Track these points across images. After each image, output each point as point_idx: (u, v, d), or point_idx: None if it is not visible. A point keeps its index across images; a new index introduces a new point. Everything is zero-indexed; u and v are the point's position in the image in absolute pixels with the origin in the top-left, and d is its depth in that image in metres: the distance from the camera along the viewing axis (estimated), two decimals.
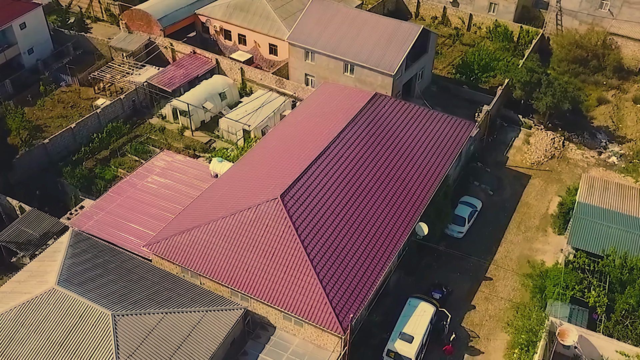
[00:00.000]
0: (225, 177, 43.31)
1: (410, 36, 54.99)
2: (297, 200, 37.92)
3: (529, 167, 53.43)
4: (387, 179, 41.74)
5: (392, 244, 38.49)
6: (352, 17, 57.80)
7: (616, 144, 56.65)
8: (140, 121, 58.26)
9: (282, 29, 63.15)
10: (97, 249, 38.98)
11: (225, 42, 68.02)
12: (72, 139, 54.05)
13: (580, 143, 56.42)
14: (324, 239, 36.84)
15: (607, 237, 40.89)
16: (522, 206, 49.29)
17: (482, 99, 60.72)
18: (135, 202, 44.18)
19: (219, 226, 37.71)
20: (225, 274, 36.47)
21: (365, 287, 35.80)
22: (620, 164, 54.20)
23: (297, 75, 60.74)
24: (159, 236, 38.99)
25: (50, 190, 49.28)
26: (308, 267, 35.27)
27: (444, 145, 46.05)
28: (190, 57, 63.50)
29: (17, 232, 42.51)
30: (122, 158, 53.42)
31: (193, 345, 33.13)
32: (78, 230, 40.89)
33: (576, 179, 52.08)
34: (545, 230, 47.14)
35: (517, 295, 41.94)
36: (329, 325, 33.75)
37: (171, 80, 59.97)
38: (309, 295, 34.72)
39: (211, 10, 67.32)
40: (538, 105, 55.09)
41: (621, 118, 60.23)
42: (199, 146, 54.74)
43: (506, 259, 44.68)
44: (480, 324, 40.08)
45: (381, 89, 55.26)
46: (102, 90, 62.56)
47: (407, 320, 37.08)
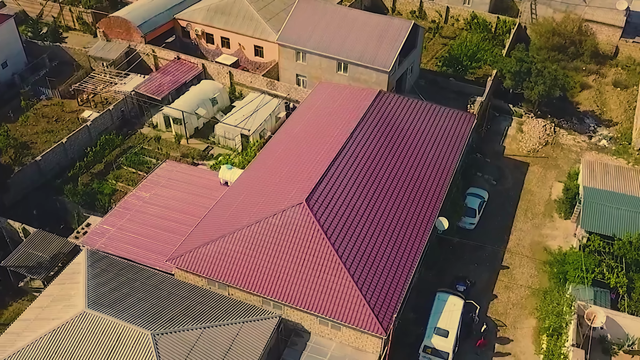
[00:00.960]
0: (239, 184, 42.62)
1: (402, 32, 55.30)
2: (322, 203, 37.67)
3: (525, 155, 54.61)
4: (403, 176, 41.94)
5: (417, 240, 38.72)
6: (342, 15, 57.70)
7: (604, 128, 58.52)
8: (132, 132, 56.73)
9: (267, 30, 62.52)
10: (117, 267, 37.81)
11: (207, 46, 66.86)
12: (64, 154, 52.20)
13: (570, 128, 58.02)
14: (352, 240, 36.75)
15: (617, 219, 42.18)
16: (525, 194, 50.35)
17: (470, 90, 61.69)
18: (146, 216, 43.02)
19: (244, 235, 37.09)
20: (256, 283, 35.93)
21: (398, 285, 35.91)
22: (610, 146, 56.00)
23: (288, 76, 60.27)
24: (181, 249, 38.07)
25: (48, 209, 47.49)
26: (341, 270, 35.10)
27: (450, 138, 46.58)
28: (175, 63, 62.15)
29: (25, 255, 40.78)
30: (118, 171, 51.90)
31: (235, 358, 32.50)
32: (93, 249, 39.50)
33: (572, 164, 53.60)
34: (552, 215, 48.29)
35: (535, 281, 42.85)
36: (370, 327, 33.69)
37: (159, 88, 58.58)
38: (345, 298, 34.56)
39: (191, 14, 66.03)
40: (530, 94, 56.31)
41: (604, 102, 62.21)
42: (196, 154, 53.68)
43: (519, 246, 45.57)
44: (505, 312, 40.79)
45: (376, 86, 55.32)
46: (86, 102, 60.54)
47: (440, 315, 37.40)
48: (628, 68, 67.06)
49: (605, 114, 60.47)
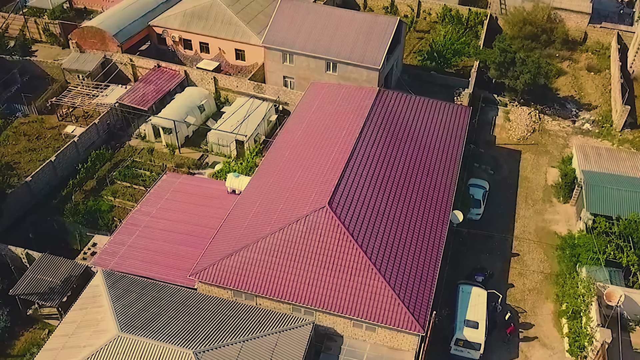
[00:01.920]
0: (250, 192, 41.99)
1: (389, 28, 55.60)
2: (343, 205, 37.56)
3: (516, 143, 55.91)
4: (414, 172, 42.28)
5: (438, 234, 39.15)
6: (326, 15, 57.52)
7: (585, 111, 60.51)
8: (120, 145, 55.06)
9: (247, 33, 61.79)
10: (138, 287, 36.69)
11: (185, 52, 65.51)
12: (53, 172, 50.22)
13: (554, 114, 59.74)
14: (377, 240, 36.82)
15: (620, 199, 43.71)
16: (522, 181, 51.59)
17: (454, 83, 62.76)
18: (156, 231, 41.89)
19: (269, 243, 36.60)
20: (286, 291, 35.55)
21: (428, 280, 36.23)
22: (594, 129, 57.97)
23: (275, 78, 59.70)
24: (203, 262, 37.25)
25: (44, 231, 45.55)
26: (372, 271, 35.13)
27: (451, 131, 47.24)
28: (156, 71, 60.60)
29: (34, 282, 39.02)
30: (112, 186, 50.28)
31: None
32: (108, 270, 38.18)
33: (561, 149, 55.26)
34: (551, 201, 49.67)
35: (547, 266, 44.00)
36: (407, 325, 33.88)
37: (144, 98, 57.01)
38: (378, 298, 34.62)
39: (167, 20, 64.50)
40: (515, 83, 57.64)
41: (581, 86, 64.34)
42: (191, 163, 52.56)
43: (525, 232, 46.68)
44: (523, 299, 41.73)
45: (366, 84, 55.53)
46: (66, 117, 58.36)
47: (467, 307, 37.92)
48: (598, 52, 69.56)
49: (584, 98, 62.54)
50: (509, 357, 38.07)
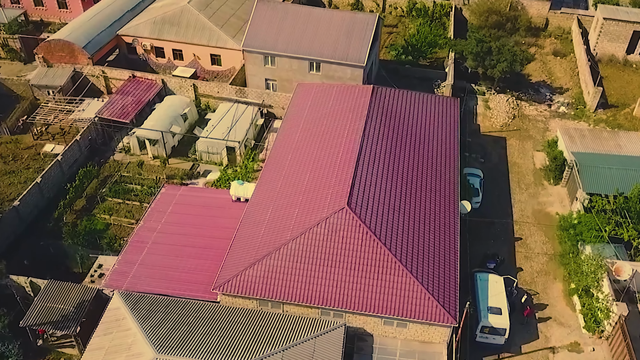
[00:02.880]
0: (260, 198, 41.44)
1: (370, 25, 55.93)
2: (361, 204, 37.61)
3: (500, 130, 57.38)
4: (420, 166, 42.75)
5: (452, 225, 39.77)
6: (305, 15, 57.28)
7: (558, 95, 62.68)
8: (104, 160, 53.21)
9: (223, 38, 60.87)
10: (160, 305, 35.66)
11: (157, 60, 63.88)
12: (40, 194, 48.07)
13: (530, 100, 61.62)
14: (398, 236, 37.07)
15: (612, 178, 45.55)
16: (512, 166, 53.02)
17: (431, 75, 63.81)
18: (166, 246, 40.77)
19: (291, 249, 36.26)
20: (314, 295, 35.33)
21: (451, 272, 36.76)
22: (569, 112, 60.15)
23: (257, 81, 59.04)
24: (224, 275, 36.54)
25: (40, 256, 43.60)
26: (399, 267, 35.36)
27: (446, 122, 48.00)
28: (132, 82, 58.80)
29: (45, 310, 37.25)
30: (103, 204, 48.57)
31: None
32: (124, 291, 36.91)
33: (543, 133, 57.12)
34: (542, 184, 51.27)
35: (549, 247, 45.43)
36: (439, 318, 34.31)
37: (124, 110, 55.28)
38: (408, 294, 34.89)
39: (136, 28, 62.68)
40: (493, 72, 59.09)
41: (550, 71, 66.59)
42: (183, 173, 51.32)
43: (523, 217, 48.04)
44: (533, 281, 42.96)
45: (351, 82, 55.78)
46: (41, 135, 55.91)
47: (487, 294, 38.73)
48: (560, 37, 72.16)
49: (555, 82, 64.76)
50: (530, 339, 39.12)
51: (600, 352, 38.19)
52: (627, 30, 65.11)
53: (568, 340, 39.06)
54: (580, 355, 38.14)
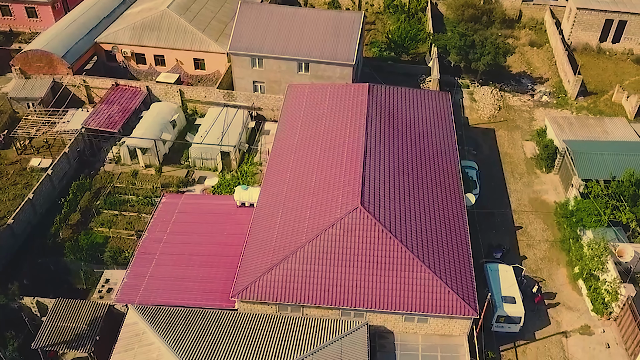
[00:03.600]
0: (267, 202, 41.09)
1: (356, 23, 56.08)
2: (374, 203, 37.71)
3: (488, 122, 58.35)
4: (423, 161, 43.12)
5: (461, 218, 40.27)
6: (290, 15, 57.04)
7: (539, 85, 64.10)
8: (94, 172, 51.91)
9: (206, 41, 60.10)
10: (177, 317, 35.06)
11: (138, 67, 62.62)
12: (33, 211, 46.60)
13: (512, 91, 62.85)
14: (412, 232, 37.31)
15: (605, 163, 46.83)
16: (504, 157, 53.99)
17: (415, 70, 64.44)
18: (174, 257, 40.06)
19: (308, 251, 36.10)
20: (334, 297, 35.27)
21: (465, 264, 37.22)
22: (552, 100, 61.60)
23: (244, 84, 58.51)
24: (241, 281, 36.14)
25: (40, 274, 42.29)
26: (417, 264, 35.61)
27: (441, 117, 48.54)
28: (116, 90, 57.48)
29: (57, 330, 36.11)
30: (99, 216, 47.40)
31: None
32: (139, 305, 36.13)
33: (529, 122, 58.36)
34: (535, 172, 52.38)
35: (549, 234, 46.47)
36: (461, 311, 34.71)
37: (111, 120, 54.04)
38: (428, 290, 35.16)
39: (115, 35, 61.28)
40: (477, 65, 60.02)
41: (529, 62, 68.03)
42: (178, 181, 50.48)
43: (521, 206, 48.99)
44: (538, 268, 43.87)
45: (340, 80, 55.89)
46: (24, 149, 54.17)
47: (499, 285, 39.37)
48: (534, 28, 73.78)
49: (535, 72, 66.21)
50: (542, 325, 39.95)
51: (610, 333, 39.31)
52: (600, 19, 67.00)
53: (578, 323, 40.05)
54: (592, 338, 39.15)
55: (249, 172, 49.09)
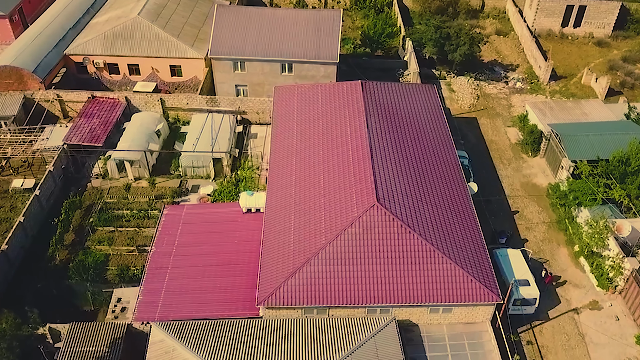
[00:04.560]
0: (275, 206, 40.72)
1: (336, 21, 56.18)
2: (388, 199, 37.97)
3: (469, 111, 59.62)
4: (426, 154, 43.71)
5: (468, 207, 41.07)
6: (269, 16, 56.60)
7: (512, 72, 65.92)
8: (81, 188, 50.12)
9: (181, 47, 58.89)
10: (205, 330, 34.37)
11: (111, 77, 60.75)
12: (24, 234, 44.66)
13: (487, 79, 64.41)
14: (427, 225, 37.80)
15: (591, 144, 48.56)
16: (490, 144, 55.32)
17: (391, 65, 65.11)
18: (188, 269, 39.22)
19: (329, 252, 36.04)
20: (360, 295, 35.37)
21: (481, 252, 38.00)
22: (525, 86, 63.50)
23: (226, 88, 57.70)
24: (265, 288, 35.73)
25: (42, 300, 40.54)
26: (438, 256, 36.11)
27: (432, 109, 49.29)
28: (93, 103, 55.62)
29: (76, 356, 34.74)
30: (94, 234, 45.86)
31: None
32: (161, 322, 35.21)
33: (508, 109, 60.00)
34: (522, 157, 53.92)
35: (545, 216, 47.99)
36: (484, 298, 35.45)
37: (93, 134, 52.29)
38: (451, 280, 35.73)
39: (85, 46, 59.21)
40: (454, 56, 61.18)
41: (498, 50, 69.84)
42: (172, 192, 49.34)
43: (514, 190, 50.36)
44: (540, 249, 45.24)
45: (325, 79, 55.94)
46: (2, 170, 51.74)
47: (511, 269, 40.38)
48: (498, 17, 75.78)
49: (505, 60, 68.06)
50: (553, 304, 41.26)
51: (617, 306, 40.99)
52: (561, 5, 69.44)
53: (586, 300, 41.57)
54: (601, 312, 40.72)
55: (248, 177, 48.45)
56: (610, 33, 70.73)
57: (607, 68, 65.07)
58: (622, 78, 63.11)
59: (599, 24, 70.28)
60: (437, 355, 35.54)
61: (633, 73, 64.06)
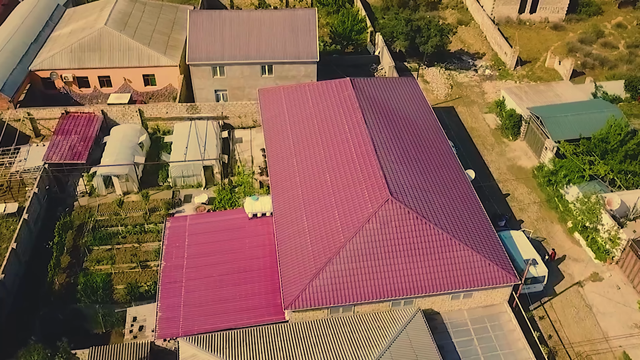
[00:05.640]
0: (284, 209, 40.49)
1: (312, 20, 56.25)
2: (400, 192, 38.45)
3: (445, 101, 60.98)
4: (423, 146, 44.47)
5: (471, 194, 42.11)
6: (245, 19, 56.06)
7: (479, 60, 67.83)
8: (68, 208, 48.29)
9: (154, 56, 57.53)
10: (234, 341, 33.95)
11: (81, 91, 58.64)
12: (17, 261, 42.70)
13: (457, 68, 65.99)
14: (440, 214, 38.50)
15: (571, 124, 50.71)
16: (471, 131, 56.81)
17: (362, 60, 65.77)
18: (203, 281, 38.51)
19: (349, 250, 36.19)
20: (384, 289, 35.71)
21: (491, 235, 39.07)
22: (494, 73, 65.49)
23: (205, 94, 56.79)
24: (290, 292, 35.53)
25: (49, 327, 38.95)
26: (455, 243, 36.88)
27: (418, 101, 50.18)
28: (68, 119, 53.59)
29: None
30: (91, 254, 44.36)
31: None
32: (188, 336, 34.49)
33: (482, 96, 61.75)
34: (503, 141, 55.67)
35: (535, 196, 49.76)
36: (503, 280, 36.52)
37: (74, 150, 50.45)
38: (470, 266, 36.56)
39: (52, 61, 56.94)
40: (425, 48, 62.37)
41: (462, 39, 71.64)
42: (165, 204, 48.18)
43: (502, 174, 51.96)
44: (536, 228, 46.90)
45: (305, 79, 55.97)
46: None
47: (517, 250, 41.71)
48: (457, 7, 77.71)
49: (471, 49, 69.92)
50: (557, 280, 42.90)
51: (616, 276, 43.04)
52: None
53: (587, 272, 43.45)
54: (603, 283, 42.67)
55: (246, 182, 47.92)
56: (564, 17, 73.82)
57: (566, 50, 67.94)
58: (582, 59, 66.00)
59: (553, 9, 73.21)
60: (463, 341, 36.34)
61: (591, 54, 67.15)
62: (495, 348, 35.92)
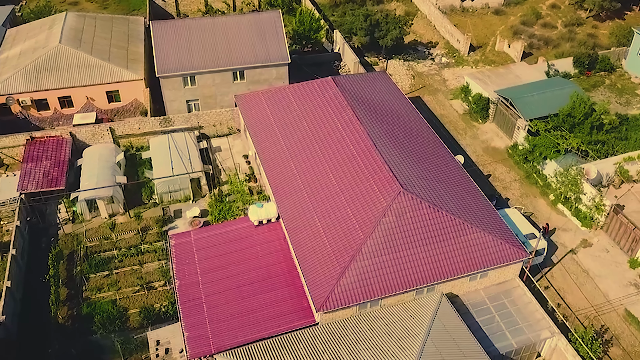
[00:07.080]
0: (292, 213, 40.41)
1: (277, 21, 56.11)
2: (409, 183, 39.27)
3: (411, 91, 62.53)
4: (413, 137, 45.58)
5: (466, 179, 43.67)
6: (210, 26, 55.10)
7: (434, 49, 69.90)
8: (53, 238, 46.02)
9: (116, 71, 55.58)
10: (272, 351, 33.83)
11: (40, 114, 55.76)
12: (12, 300, 40.37)
13: (414, 59, 67.76)
14: (447, 200, 39.69)
15: (538, 102, 53.38)
16: (441, 119, 58.64)
17: (323, 58, 66.28)
18: (223, 294, 37.86)
19: (370, 245, 36.69)
20: (408, 280, 36.50)
21: (494, 214, 40.74)
22: (450, 60, 67.77)
23: (177, 106, 55.43)
24: (318, 294, 35.60)
25: None
26: (468, 227, 38.18)
27: (396, 95, 51.30)
28: (34, 145, 50.94)
29: None
30: (89, 283, 42.59)
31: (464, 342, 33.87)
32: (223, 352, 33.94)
33: (443, 83, 63.78)
34: (474, 125, 57.86)
35: (514, 174, 52.16)
36: (515, 256, 38.25)
37: (50, 177, 48.18)
38: (484, 247, 38.01)
39: (6, 84, 53.85)
40: (385, 41, 63.65)
41: (414, 30, 73.48)
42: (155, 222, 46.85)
43: (480, 157, 54.03)
44: (522, 204, 49.20)
45: (277, 82, 55.87)
46: None
47: (515, 226, 43.67)
48: (402, 0, 79.60)
49: (423, 39, 71.92)
50: (553, 251, 45.28)
51: (603, 240, 45.95)
52: None
53: (577, 240, 46.13)
54: (593, 248, 45.46)
55: (242, 191, 47.29)
56: (502, 1, 77.27)
57: (512, 34, 71.28)
58: (528, 41, 69.46)
59: None
60: (486, 319, 37.71)
61: (535, 35, 70.81)
62: (517, 322, 37.54)
